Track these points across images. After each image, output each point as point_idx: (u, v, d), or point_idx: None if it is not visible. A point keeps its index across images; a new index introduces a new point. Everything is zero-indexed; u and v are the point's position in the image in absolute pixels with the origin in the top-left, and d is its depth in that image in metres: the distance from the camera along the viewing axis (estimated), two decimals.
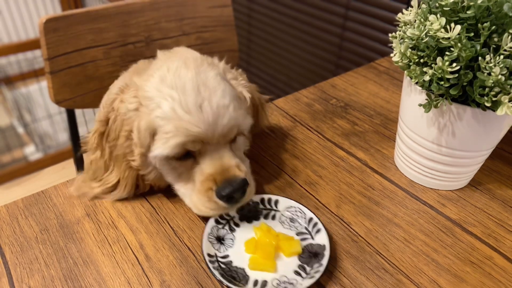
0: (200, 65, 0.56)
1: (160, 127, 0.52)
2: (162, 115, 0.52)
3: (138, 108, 0.54)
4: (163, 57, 0.63)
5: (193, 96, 0.52)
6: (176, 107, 0.51)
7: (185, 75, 0.53)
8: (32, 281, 0.50)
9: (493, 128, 0.57)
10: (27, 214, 0.59)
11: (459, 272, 0.54)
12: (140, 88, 0.55)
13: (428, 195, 0.65)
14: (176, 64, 0.55)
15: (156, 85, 0.54)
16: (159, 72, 0.55)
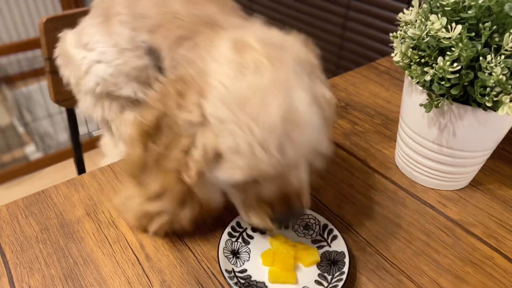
0: (294, 81, 0.44)
1: (230, 157, 0.43)
2: (235, 147, 0.42)
3: (203, 123, 0.43)
4: (228, 35, 0.48)
5: (278, 135, 0.41)
6: (255, 145, 0.41)
7: (272, 101, 0.41)
8: (32, 281, 0.50)
9: (494, 128, 0.57)
10: (27, 213, 0.59)
11: (460, 272, 0.54)
12: (204, 96, 0.43)
13: (429, 195, 0.65)
14: (258, 68, 0.42)
15: (229, 102, 0.41)
16: (230, 73, 0.42)
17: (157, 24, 0.57)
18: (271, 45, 0.45)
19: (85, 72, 0.64)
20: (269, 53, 0.43)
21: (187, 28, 0.54)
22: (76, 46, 0.66)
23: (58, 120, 2.31)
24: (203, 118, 0.43)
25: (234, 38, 0.46)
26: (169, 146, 0.46)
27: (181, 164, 0.45)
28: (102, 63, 0.63)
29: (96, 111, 0.69)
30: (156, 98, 0.46)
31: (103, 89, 0.65)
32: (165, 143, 0.46)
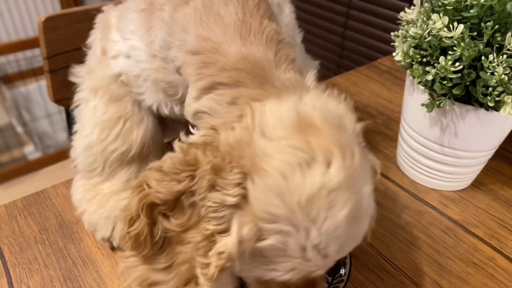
0: (361, 174, 0.37)
1: (273, 258, 0.36)
2: (283, 248, 0.35)
3: (239, 205, 0.35)
4: (286, 103, 0.38)
5: (339, 238, 0.35)
6: (309, 249, 0.35)
7: (341, 203, 0.34)
8: (31, 281, 0.49)
9: (496, 128, 0.57)
10: (26, 214, 0.58)
11: (461, 273, 0.53)
12: (252, 180, 0.34)
13: (431, 195, 0.65)
14: (329, 162, 0.34)
15: (288, 198, 0.33)
16: (293, 161, 0.33)
17: (195, 50, 0.44)
18: (336, 125, 0.36)
19: (113, 57, 0.55)
20: (338, 139, 0.35)
21: (229, 74, 0.42)
22: (115, 27, 0.56)
23: (57, 120, 2.30)
24: (241, 200, 0.35)
25: (295, 112, 0.36)
26: (189, 227, 0.38)
27: (199, 251, 0.37)
28: (131, 59, 0.53)
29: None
30: (179, 167, 0.36)
31: (126, 83, 0.56)
32: (183, 223, 0.38)
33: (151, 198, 0.37)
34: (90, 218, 0.55)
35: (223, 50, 0.42)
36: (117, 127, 0.55)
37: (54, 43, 0.93)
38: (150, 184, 0.37)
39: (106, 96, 0.55)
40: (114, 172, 0.56)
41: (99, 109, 0.55)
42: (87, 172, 0.57)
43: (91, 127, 0.56)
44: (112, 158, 0.55)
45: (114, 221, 0.54)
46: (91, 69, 0.57)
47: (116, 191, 0.56)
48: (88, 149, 0.56)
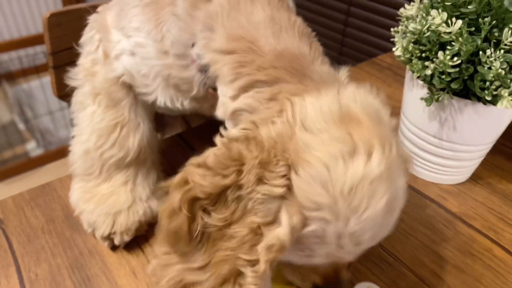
0: (398, 166, 0.38)
1: (310, 244, 0.38)
2: (322, 235, 0.36)
3: (286, 196, 0.36)
4: (326, 97, 0.38)
5: (374, 228, 0.37)
6: (345, 237, 0.36)
7: (380, 194, 0.35)
8: (40, 270, 0.51)
9: (494, 122, 0.58)
10: (33, 205, 0.59)
11: (460, 263, 0.55)
12: (296, 171, 0.35)
13: (430, 189, 0.66)
14: (370, 154, 0.35)
15: (331, 188, 0.35)
16: (336, 153, 0.35)
17: (228, 49, 0.44)
18: (376, 118, 0.38)
19: (115, 57, 0.53)
20: (378, 131, 0.36)
21: (267, 72, 0.42)
22: (113, 26, 0.54)
23: (59, 117, 2.31)
24: (287, 191, 0.36)
25: (336, 106, 0.37)
26: (232, 222, 0.38)
27: (244, 245, 0.37)
28: (137, 57, 0.51)
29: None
30: (225, 162, 0.37)
31: (129, 84, 0.55)
32: (226, 217, 0.38)
33: (194, 192, 0.37)
34: (89, 217, 0.54)
35: (257, 49, 0.43)
36: (114, 134, 0.55)
37: (58, 40, 0.95)
38: (194, 179, 0.37)
39: (105, 101, 0.55)
40: (112, 175, 0.57)
41: (97, 116, 0.56)
42: (85, 176, 0.57)
43: (89, 133, 0.56)
44: (110, 163, 0.56)
45: (114, 217, 0.54)
46: (92, 71, 0.57)
47: (114, 191, 0.56)
48: (86, 155, 0.56)
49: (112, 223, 0.53)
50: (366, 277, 0.52)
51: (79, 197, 0.56)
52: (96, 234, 0.54)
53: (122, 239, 0.53)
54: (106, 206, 0.55)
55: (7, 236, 0.55)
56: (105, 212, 0.54)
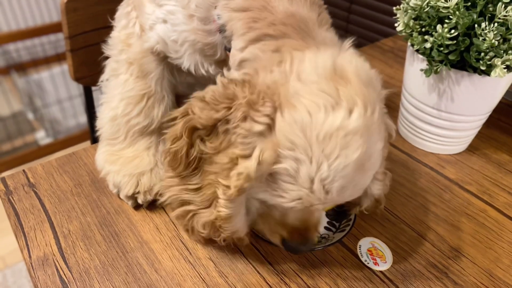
0: (376, 128, 0.41)
1: (283, 183, 0.41)
2: (294, 175, 0.40)
3: (264, 134, 0.40)
4: (323, 54, 0.42)
5: (344, 179, 0.40)
6: (317, 181, 0.40)
7: (353, 147, 0.39)
8: (72, 226, 0.56)
9: (488, 92, 0.62)
10: (61, 171, 0.64)
11: (456, 222, 0.59)
12: (282, 113, 0.40)
13: (429, 158, 0.71)
14: (351, 109, 0.39)
15: (309, 131, 0.38)
16: (320, 103, 0.38)
17: (244, 7, 0.48)
18: (365, 82, 0.41)
19: (150, 27, 0.56)
20: (364, 92, 0.40)
21: (276, 28, 0.46)
22: (147, 0, 0.57)
23: (67, 107, 2.36)
24: (267, 129, 0.40)
25: (331, 61, 0.41)
26: (219, 151, 0.43)
27: (224, 171, 0.42)
28: (168, 24, 0.54)
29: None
30: (219, 99, 0.42)
31: (161, 52, 0.58)
32: (216, 146, 0.43)
33: (193, 123, 0.43)
34: (114, 177, 0.59)
35: (271, 8, 0.47)
36: (141, 103, 0.60)
37: (75, 24, 0.99)
38: (194, 111, 0.44)
39: (136, 71, 0.60)
40: (136, 141, 0.61)
41: (128, 84, 0.60)
42: (110, 140, 0.62)
43: (118, 100, 0.61)
44: (135, 129, 0.60)
45: (138, 177, 0.58)
46: (128, 43, 0.60)
47: (138, 155, 0.61)
48: (113, 120, 0.61)
49: (136, 184, 0.58)
50: (369, 233, 0.57)
51: (105, 159, 0.61)
52: (121, 194, 0.59)
53: (145, 198, 0.57)
54: (130, 167, 0.59)
55: (39, 198, 0.60)
56: (129, 173, 0.59)
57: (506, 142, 0.75)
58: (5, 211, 0.58)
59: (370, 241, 0.55)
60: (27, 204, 0.59)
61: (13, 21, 2.48)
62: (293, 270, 0.52)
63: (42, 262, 0.51)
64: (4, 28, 2.45)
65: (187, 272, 0.50)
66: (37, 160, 2.17)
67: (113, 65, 0.63)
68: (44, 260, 0.51)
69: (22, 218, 0.57)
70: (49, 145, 2.24)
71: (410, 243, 0.56)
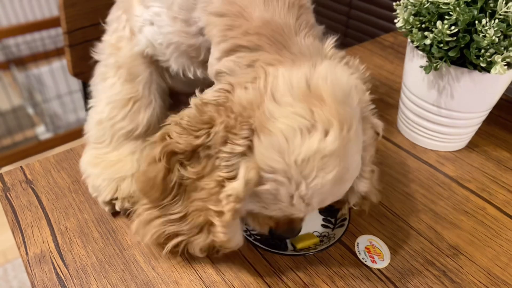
0: (354, 146, 0.42)
1: (266, 199, 0.43)
2: (275, 193, 0.41)
3: (246, 153, 0.41)
4: (297, 72, 0.41)
5: (323, 194, 0.42)
6: (296, 197, 0.41)
7: (330, 168, 0.40)
8: (69, 223, 0.56)
9: (488, 89, 0.62)
10: (59, 168, 0.64)
11: (454, 220, 0.59)
12: (258, 137, 0.40)
13: (428, 155, 0.70)
14: (327, 132, 0.39)
15: (287, 157, 0.39)
16: (296, 127, 0.39)
17: (221, 12, 0.47)
18: (340, 100, 0.40)
19: (139, 30, 0.56)
20: (339, 111, 0.39)
21: (250, 38, 0.45)
22: (137, 2, 0.56)
23: (67, 102, 2.36)
24: (248, 150, 0.41)
25: (305, 81, 0.41)
26: (203, 175, 0.43)
27: (213, 196, 0.43)
28: (155, 26, 0.54)
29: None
30: (196, 125, 0.42)
31: (152, 55, 0.58)
32: (198, 171, 0.43)
33: (172, 147, 0.43)
34: (94, 181, 0.57)
35: (247, 14, 0.45)
36: (126, 107, 0.59)
37: (73, 19, 0.98)
38: (172, 136, 0.43)
39: (124, 74, 0.59)
40: (121, 145, 0.60)
41: (115, 88, 0.59)
42: (96, 143, 0.61)
43: (104, 104, 0.60)
44: (120, 134, 0.59)
45: (118, 182, 0.56)
46: (117, 46, 0.60)
47: (121, 159, 0.59)
48: (99, 124, 0.60)
49: (115, 189, 0.56)
50: (367, 230, 0.56)
51: (88, 161, 0.60)
52: (99, 199, 0.57)
53: (122, 205, 0.55)
54: (111, 171, 0.58)
55: (37, 194, 0.60)
56: (109, 178, 0.57)
57: (506, 139, 0.75)
58: (2, 207, 0.58)
59: (368, 238, 0.55)
60: (24, 201, 0.59)
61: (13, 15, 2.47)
62: (290, 268, 0.51)
63: (39, 259, 0.51)
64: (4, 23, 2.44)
65: (184, 269, 0.50)
66: (37, 155, 2.17)
67: (101, 69, 0.62)
68: (41, 257, 0.51)
69: (19, 215, 0.57)
70: (49, 140, 2.24)
71: (408, 241, 0.55)
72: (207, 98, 0.43)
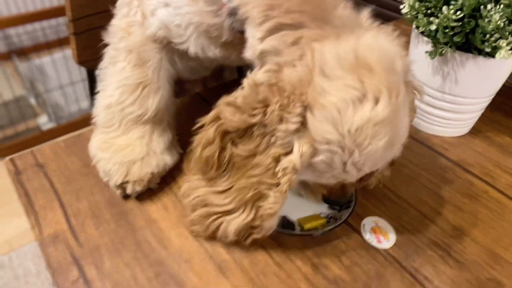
0: (403, 111, 0.44)
1: (321, 168, 0.45)
2: (329, 162, 0.44)
3: (300, 130, 0.43)
4: (343, 45, 0.42)
5: (375, 159, 0.44)
6: (349, 164, 0.44)
7: (382, 135, 0.42)
8: (80, 205, 0.57)
9: (492, 74, 0.62)
10: (68, 152, 0.65)
11: (458, 202, 0.60)
12: (312, 112, 0.42)
13: (432, 140, 0.71)
14: (377, 100, 0.41)
15: (340, 127, 0.41)
16: (347, 98, 0.40)
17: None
18: (388, 68, 0.42)
19: (151, 13, 0.56)
20: (388, 80, 0.41)
21: (293, 16, 0.45)
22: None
23: (69, 92, 2.36)
24: (302, 127, 0.43)
25: (353, 52, 0.42)
26: (256, 153, 0.45)
27: (269, 171, 0.45)
28: (170, 7, 0.54)
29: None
30: (252, 104, 0.44)
31: (163, 38, 0.58)
32: (251, 149, 0.45)
33: (225, 127, 0.45)
34: (105, 165, 0.58)
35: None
36: (136, 92, 0.59)
37: (79, 7, 0.99)
38: (225, 116, 0.45)
39: (134, 59, 0.59)
40: (130, 129, 0.61)
41: (125, 72, 0.60)
42: (104, 128, 0.62)
43: (114, 89, 0.60)
44: (129, 118, 0.60)
45: (128, 166, 0.57)
46: (128, 31, 0.60)
47: (130, 143, 0.60)
48: (108, 108, 0.61)
49: (125, 173, 0.57)
50: (372, 213, 0.58)
51: (98, 146, 0.61)
52: (110, 183, 0.58)
53: (133, 189, 0.57)
54: (121, 155, 0.59)
55: (48, 178, 0.61)
56: (120, 161, 0.58)
57: (509, 125, 0.76)
58: (15, 191, 0.59)
59: (373, 220, 0.57)
60: (37, 184, 0.60)
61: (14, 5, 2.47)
62: (299, 248, 0.53)
63: (53, 239, 0.52)
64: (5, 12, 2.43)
65: (195, 249, 0.52)
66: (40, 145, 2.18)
67: (111, 52, 0.63)
68: (55, 238, 0.53)
69: (32, 197, 0.58)
70: (52, 130, 2.25)
71: (413, 222, 0.57)
72: (259, 79, 0.44)
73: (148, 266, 0.50)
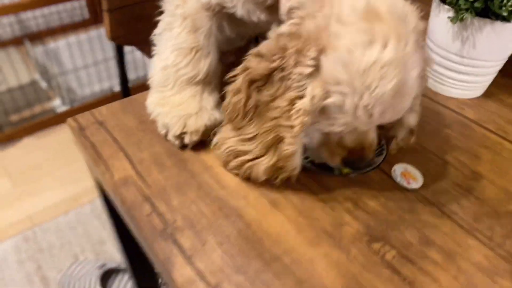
0: (412, 59, 0.47)
1: (333, 113, 0.49)
2: (340, 105, 0.48)
3: (313, 74, 0.48)
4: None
5: (384, 104, 0.47)
6: (360, 108, 0.47)
7: (390, 78, 0.46)
8: (143, 154, 0.64)
9: (508, 38, 0.69)
10: (124, 112, 0.72)
11: (476, 152, 0.68)
12: (325, 54, 0.46)
13: (449, 102, 0.79)
14: (386, 44, 0.45)
15: (350, 68, 0.45)
16: (358, 41, 0.45)
17: None
18: (398, 18, 0.47)
19: None
20: (397, 27, 0.46)
21: None
22: None
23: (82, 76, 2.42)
24: (316, 71, 0.47)
25: (366, 3, 0.47)
26: (276, 97, 0.50)
27: (285, 114, 0.50)
28: None
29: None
30: (273, 51, 0.49)
31: (215, 5, 0.63)
32: (272, 93, 0.50)
33: (252, 75, 0.51)
34: (164, 118, 0.65)
35: None
36: (189, 56, 0.66)
37: None
38: (251, 65, 0.52)
39: (189, 26, 0.65)
40: (183, 89, 0.68)
41: (181, 37, 0.66)
42: (160, 87, 0.69)
43: (170, 52, 0.67)
44: (182, 79, 0.67)
45: (185, 119, 0.65)
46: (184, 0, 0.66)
47: (184, 101, 0.67)
48: (164, 70, 0.68)
49: (183, 124, 0.64)
50: (401, 160, 0.65)
51: (155, 102, 0.68)
52: (169, 134, 0.65)
53: (191, 139, 0.64)
54: (178, 110, 0.66)
55: (110, 133, 0.68)
56: (177, 115, 0.65)
57: None
58: (81, 144, 0.66)
59: (403, 166, 0.64)
60: (100, 138, 0.67)
61: None
62: (339, 188, 0.60)
63: (124, 183, 0.60)
64: None
65: (250, 188, 0.59)
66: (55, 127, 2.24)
67: (168, 19, 0.69)
68: (125, 181, 0.60)
69: (99, 148, 0.65)
70: (66, 113, 2.31)
71: (438, 169, 0.64)
72: (282, 31, 0.51)
73: (211, 202, 0.57)
